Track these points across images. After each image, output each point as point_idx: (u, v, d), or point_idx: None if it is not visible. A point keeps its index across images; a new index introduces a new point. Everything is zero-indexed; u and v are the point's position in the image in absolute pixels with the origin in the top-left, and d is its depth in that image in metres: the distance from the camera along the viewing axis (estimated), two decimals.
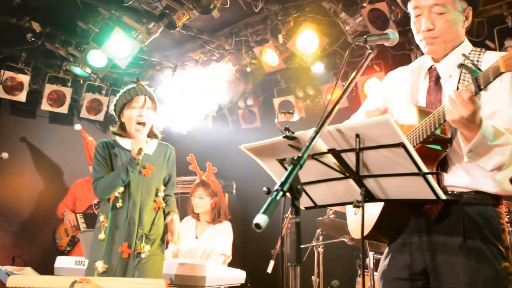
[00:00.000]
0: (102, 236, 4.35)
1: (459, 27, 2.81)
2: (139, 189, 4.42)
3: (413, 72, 3.01)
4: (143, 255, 4.27)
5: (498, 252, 2.62)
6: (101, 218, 4.41)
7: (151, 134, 4.62)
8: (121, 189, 4.38)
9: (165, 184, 4.65)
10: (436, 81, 2.85)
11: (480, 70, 2.33)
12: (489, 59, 2.70)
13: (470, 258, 2.59)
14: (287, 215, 4.07)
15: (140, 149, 4.30)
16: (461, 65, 2.39)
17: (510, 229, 4.92)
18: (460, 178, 2.67)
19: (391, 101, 3.05)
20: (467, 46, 2.86)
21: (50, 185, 8.94)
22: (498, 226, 2.67)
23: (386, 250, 2.94)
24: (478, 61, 2.74)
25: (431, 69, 2.90)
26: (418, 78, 2.96)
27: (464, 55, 2.45)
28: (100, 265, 4.25)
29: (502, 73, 2.24)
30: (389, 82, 3.15)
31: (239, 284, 5.77)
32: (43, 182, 8.88)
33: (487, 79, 2.30)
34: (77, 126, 8.17)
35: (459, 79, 2.74)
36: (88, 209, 7.91)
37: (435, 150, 2.62)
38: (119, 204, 4.37)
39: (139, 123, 4.49)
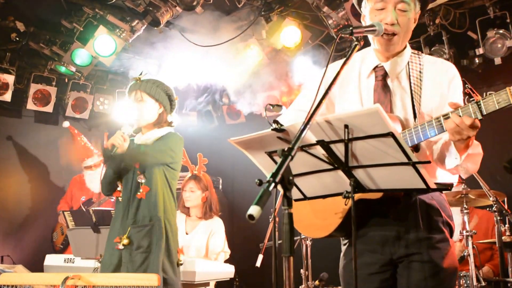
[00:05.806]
0: None
1: (411, 28, 2.88)
2: (126, 179, 4.48)
3: (354, 68, 3.02)
4: (120, 246, 4.26)
5: (451, 231, 2.80)
6: None
7: (157, 123, 4.58)
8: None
9: None
10: (383, 80, 2.89)
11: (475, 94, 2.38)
12: (428, 62, 2.88)
13: (434, 240, 2.69)
14: (273, 209, 4.11)
15: (112, 144, 4.26)
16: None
17: (499, 218, 4.99)
18: None
19: (335, 96, 3.04)
20: (409, 49, 2.94)
21: (36, 184, 8.89)
22: (448, 207, 2.82)
23: (344, 249, 3.04)
24: (420, 64, 2.85)
25: (376, 68, 2.93)
26: (359, 75, 2.98)
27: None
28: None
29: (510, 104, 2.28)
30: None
31: (228, 279, 5.79)
32: (29, 182, 8.83)
33: (492, 107, 2.33)
34: (66, 124, 8.12)
35: (410, 83, 2.82)
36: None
37: None
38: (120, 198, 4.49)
39: None
